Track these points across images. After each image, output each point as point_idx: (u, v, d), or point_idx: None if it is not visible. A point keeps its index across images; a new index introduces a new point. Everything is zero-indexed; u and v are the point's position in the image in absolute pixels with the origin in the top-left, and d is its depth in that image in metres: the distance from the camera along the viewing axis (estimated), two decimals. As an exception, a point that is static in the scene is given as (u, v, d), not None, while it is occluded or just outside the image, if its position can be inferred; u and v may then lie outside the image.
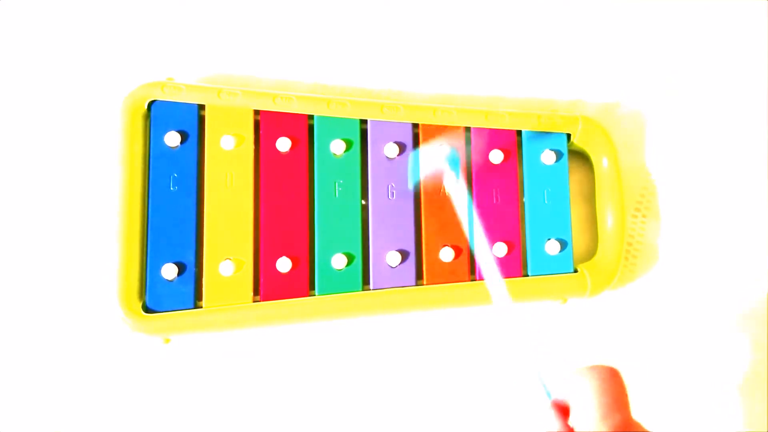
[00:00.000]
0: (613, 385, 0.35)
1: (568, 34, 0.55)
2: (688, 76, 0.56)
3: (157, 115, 0.49)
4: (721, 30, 0.56)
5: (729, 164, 0.55)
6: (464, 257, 0.50)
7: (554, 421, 0.36)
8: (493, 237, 0.50)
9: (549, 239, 0.51)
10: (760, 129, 0.55)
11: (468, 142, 0.51)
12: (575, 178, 0.54)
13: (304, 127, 0.50)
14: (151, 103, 0.49)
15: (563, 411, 0.36)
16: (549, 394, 0.37)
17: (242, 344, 0.51)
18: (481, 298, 0.50)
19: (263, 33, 0.54)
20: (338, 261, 0.49)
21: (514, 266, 0.50)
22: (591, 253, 0.53)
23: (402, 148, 0.50)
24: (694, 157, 0.55)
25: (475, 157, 0.51)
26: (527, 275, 0.51)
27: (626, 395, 0.35)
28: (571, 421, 0.35)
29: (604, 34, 0.55)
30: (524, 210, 0.51)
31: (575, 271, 0.51)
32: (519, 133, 0.52)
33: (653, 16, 0.56)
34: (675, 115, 0.55)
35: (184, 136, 0.49)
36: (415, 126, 0.51)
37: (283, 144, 0.49)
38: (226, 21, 0.53)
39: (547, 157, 0.51)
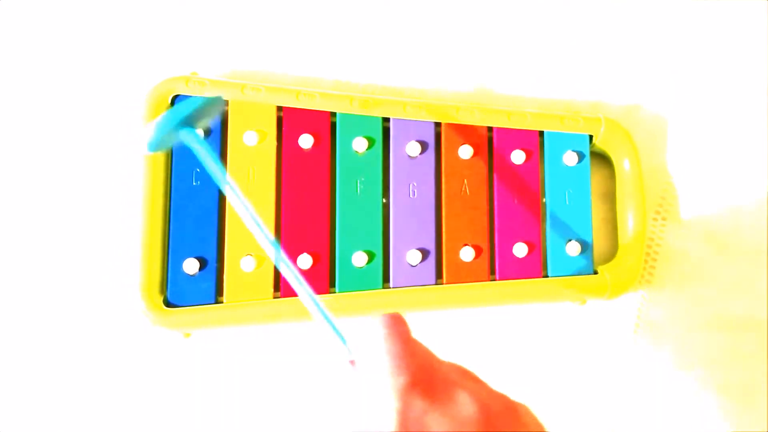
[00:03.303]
0: (395, 340, 0.33)
1: (591, 36, 0.55)
2: (710, 78, 0.55)
3: (180, 109, 0.49)
4: (746, 33, 0.56)
5: (751, 167, 0.55)
6: (485, 257, 0.50)
7: (352, 379, 0.34)
8: (514, 237, 0.50)
9: (570, 240, 0.51)
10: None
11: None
12: (596, 180, 0.54)
13: (326, 125, 0.50)
14: (175, 98, 0.49)
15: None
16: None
17: (262, 339, 0.51)
18: (500, 298, 0.50)
19: (287, 29, 0.54)
20: (359, 259, 0.49)
21: (534, 267, 0.50)
22: (611, 254, 0.53)
23: (424, 146, 0.50)
24: (715, 160, 0.55)
25: (497, 158, 0.51)
26: (547, 276, 0.51)
27: (411, 347, 0.33)
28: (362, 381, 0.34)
29: (627, 35, 0.55)
30: (545, 211, 0.51)
31: (595, 272, 0.51)
32: (541, 133, 0.52)
33: (678, 19, 0.55)
34: (697, 118, 0.55)
35: (208, 132, 0.49)
36: (438, 125, 0.51)
37: (306, 141, 0.49)
38: (251, 16, 0.53)
39: (569, 158, 0.51)
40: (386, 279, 0.49)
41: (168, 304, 0.48)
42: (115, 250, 0.51)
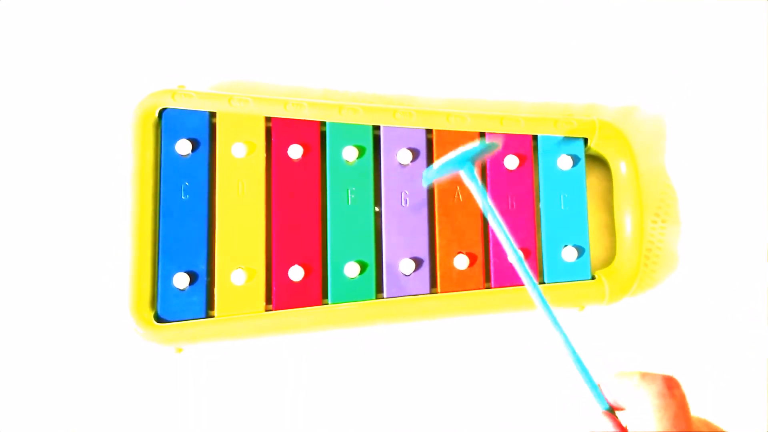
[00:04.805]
0: (674, 402, 0.32)
1: (584, 37, 0.54)
2: (709, 79, 0.54)
3: (168, 123, 0.49)
4: (745, 33, 0.55)
5: (750, 169, 0.53)
6: (479, 265, 0.49)
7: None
8: (509, 244, 0.50)
9: (566, 246, 0.50)
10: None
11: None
12: (593, 183, 0.53)
13: (316, 134, 0.49)
14: (162, 111, 0.49)
15: (618, 422, 0.34)
16: (603, 401, 0.35)
17: (255, 353, 0.51)
18: (496, 306, 0.49)
19: (274, 40, 0.53)
20: (351, 269, 0.48)
21: (530, 274, 0.50)
22: (609, 259, 0.52)
23: (415, 154, 0.50)
24: (714, 162, 0.54)
25: (490, 163, 0.50)
26: (543, 282, 0.50)
27: (688, 410, 0.32)
28: None
29: (621, 36, 0.54)
30: (540, 216, 0.51)
31: (593, 278, 0.50)
32: (535, 138, 0.51)
33: (672, 19, 0.55)
34: (695, 119, 0.54)
35: (195, 144, 0.49)
36: (429, 132, 0.50)
37: (295, 151, 0.49)
38: (237, 28, 0.53)
39: (564, 162, 0.50)
40: (379, 289, 0.49)
41: (159, 319, 0.47)
42: (105, 266, 0.50)
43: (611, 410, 0.34)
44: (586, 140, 0.51)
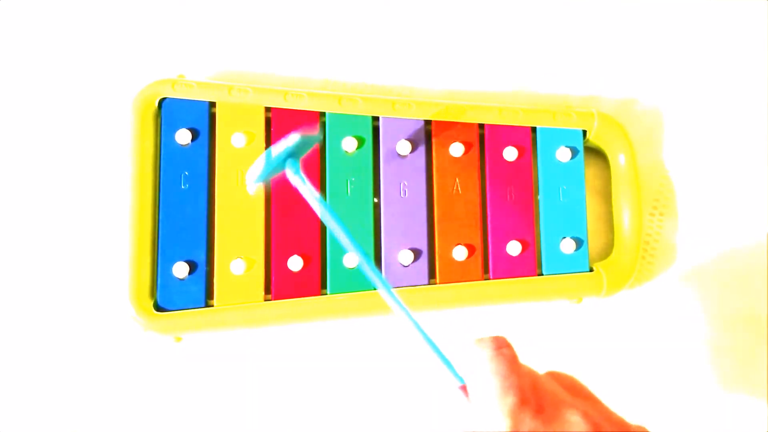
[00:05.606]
0: (504, 360, 0.33)
1: (584, 29, 0.54)
2: (707, 72, 0.54)
3: (168, 112, 0.49)
4: (745, 26, 0.55)
5: (748, 162, 0.54)
6: (478, 256, 0.49)
7: (463, 404, 0.35)
8: (507, 235, 0.50)
9: (564, 238, 0.50)
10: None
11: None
12: (591, 176, 0.53)
13: (315, 125, 0.49)
14: (162, 101, 0.49)
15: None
16: (458, 376, 0.36)
17: (254, 343, 0.51)
18: (495, 297, 0.49)
19: (274, 30, 0.53)
20: (350, 260, 0.48)
21: (528, 265, 0.50)
22: (607, 251, 0.53)
23: (414, 145, 0.50)
24: (712, 154, 0.54)
25: (489, 155, 0.50)
26: (542, 274, 0.50)
27: (518, 365, 0.33)
28: (471, 405, 0.34)
29: (620, 28, 0.54)
30: (539, 208, 0.51)
31: (591, 270, 0.50)
32: (534, 129, 0.51)
33: (672, 11, 0.55)
34: (693, 112, 0.54)
35: (195, 134, 0.49)
36: (428, 123, 0.50)
37: (295, 141, 0.49)
38: (237, 18, 0.53)
39: (563, 154, 0.50)
40: (378, 280, 0.49)
41: (158, 308, 0.47)
42: (105, 255, 0.50)
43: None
44: (585, 132, 0.51)
